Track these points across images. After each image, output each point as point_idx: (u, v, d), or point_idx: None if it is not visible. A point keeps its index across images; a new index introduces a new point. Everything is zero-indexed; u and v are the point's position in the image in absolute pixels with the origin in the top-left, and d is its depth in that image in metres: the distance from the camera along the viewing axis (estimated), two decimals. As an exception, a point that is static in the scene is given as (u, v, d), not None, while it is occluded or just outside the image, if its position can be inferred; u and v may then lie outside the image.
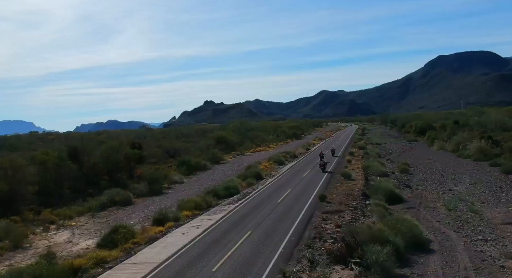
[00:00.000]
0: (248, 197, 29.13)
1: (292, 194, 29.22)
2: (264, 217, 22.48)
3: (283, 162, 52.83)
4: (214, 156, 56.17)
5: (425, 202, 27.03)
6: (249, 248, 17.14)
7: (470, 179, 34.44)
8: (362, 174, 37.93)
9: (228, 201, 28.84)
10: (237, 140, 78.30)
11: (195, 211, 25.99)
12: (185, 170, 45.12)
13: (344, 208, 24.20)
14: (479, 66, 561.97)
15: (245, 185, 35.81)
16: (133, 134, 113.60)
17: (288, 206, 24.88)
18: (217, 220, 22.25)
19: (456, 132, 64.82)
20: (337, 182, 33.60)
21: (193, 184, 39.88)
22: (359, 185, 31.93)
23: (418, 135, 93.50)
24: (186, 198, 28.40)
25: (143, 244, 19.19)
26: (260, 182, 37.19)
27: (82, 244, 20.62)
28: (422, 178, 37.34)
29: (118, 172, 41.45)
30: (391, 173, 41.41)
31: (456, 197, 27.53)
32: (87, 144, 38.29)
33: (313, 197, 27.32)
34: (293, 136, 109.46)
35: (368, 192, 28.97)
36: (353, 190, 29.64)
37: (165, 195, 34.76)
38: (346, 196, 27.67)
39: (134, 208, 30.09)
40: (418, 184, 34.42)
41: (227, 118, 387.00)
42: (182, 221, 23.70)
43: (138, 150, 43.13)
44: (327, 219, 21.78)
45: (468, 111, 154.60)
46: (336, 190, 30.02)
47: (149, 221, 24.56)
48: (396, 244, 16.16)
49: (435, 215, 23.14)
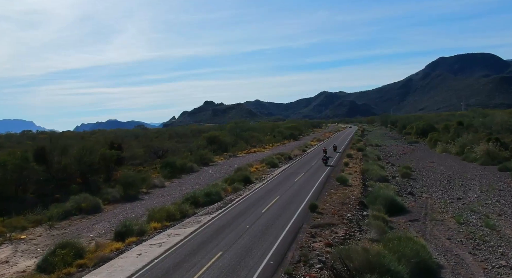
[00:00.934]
0: (229, 206, 25.66)
1: (280, 202, 25.75)
2: (242, 232, 19.01)
3: (276, 165, 49.39)
4: (203, 157, 52.61)
5: (431, 213, 23.58)
6: (216, 276, 13.69)
7: (480, 185, 30.97)
8: (360, 179, 34.45)
9: (207, 210, 25.37)
10: (230, 141, 74.82)
11: (166, 222, 22.50)
12: (168, 172, 41.61)
13: (338, 220, 20.74)
14: (480, 68, 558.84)
15: (230, 190, 32.36)
16: (127, 133, 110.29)
17: (273, 218, 21.41)
18: (186, 236, 18.76)
19: (460, 133, 61.33)
20: (331, 188, 30.12)
21: (175, 188, 36.40)
22: (356, 192, 28.45)
23: (419, 136, 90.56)
24: (158, 207, 24.88)
25: (90, 267, 15.71)
26: (247, 187, 33.74)
27: (20, 265, 17.13)
28: (426, 183, 33.88)
29: (94, 175, 38.00)
30: (391, 177, 37.96)
31: (467, 207, 24.08)
32: (58, 143, 34.70)
33: (303, 207, 23.87)
34: (291, 137, 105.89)
35: (366, 200, 25.52)
36: (349, 198, 26.17)
37: (140, 201, 31.27)
38: (340, 205, 24.21)
39: (101, 216, 26.59)
40: (422, 190, 30.96)
41: (227, 118, 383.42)
42: (147, 235, 20.24)
43: (117, 151, 39.55)
44: (316, 235, 18.31)
45: (469, 112, 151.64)
46: (330, 197, 26.55)
47: (112, 233, 21.10)
48: (400, 274, 12.72)
49: (444, 230, 19.69)
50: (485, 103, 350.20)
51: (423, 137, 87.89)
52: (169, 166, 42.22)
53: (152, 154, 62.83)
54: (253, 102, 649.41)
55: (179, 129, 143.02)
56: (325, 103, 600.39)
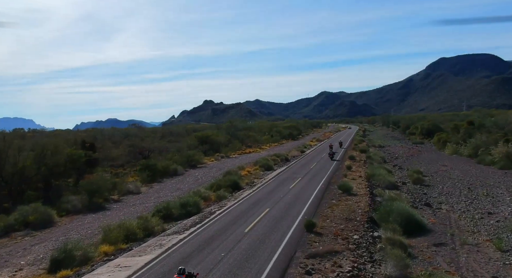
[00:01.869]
0: (207, 221, 20.77)
1: (269, 216, 20.87)
2: (214, 263, 14.13)
3: (271, 167, 44.52)
4: (190, 158, 47.66)
5: (458, 233, 18.72)
6: None
7: (511, 196, 26.10)
8: (366, 186, 29.52)
9: (179, 226, 20.47)
10: (224, 141, 69.88)
11: (122, 244, 17.60)
12: (147, 176, 36.69)
13: (342, 246, 15.85)
14: (480, 69, 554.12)
15: (214, 199, 27.49)
16: (119, 132, 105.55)
17: (257, 242, 16.52)
18: (136, 271, 13.86)
19: (472, 134, 56.43)
20: (333, 197, 25.20)
21: (152, 195, 31.50)
22: (363, 203, 23.55)
23: (424, 137, 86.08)
24: (117, 223, 19.93)
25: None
26: (234, 195, 28.87)
27: None
28: (444, 192, 29.02)
29: (60, 179, 33.15)
30: (401, 184, 33.11)
31: (504, 226, 19.20)
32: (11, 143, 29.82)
33: (298, 224, 19.00)
34: (289, 137, 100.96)
35: (376, 215, 20.64)
36: (354, 212, 21.26)
37: (106, 212, 26.36)
38: (344, 223, 19.32)
39: (50, 233, 21.70)
40: (440, 201, 26.11)
41: (226, 118, 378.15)
42: (90, 266, 15.35)
43: (88, 151, 34.64)
44: (313, 270, 13.44)
45: (473, 112, 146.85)
46: (331, 211, 21.65)
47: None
48: None
49: (483, 262, 14.83)
50: (487, 104, 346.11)
51: (429, 137, 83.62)
52: (148, 169, 37.28)
53: (137, 155, 58.12)
54: (253, 101, 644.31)
55: (174, 128, 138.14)
56: (325, 103, 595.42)
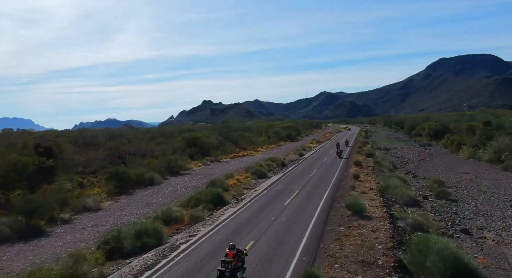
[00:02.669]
0: (162, 264, 14.59)
1: (252, 257, 14.72)
2: None
3: (265, 175, 38.49)
4: (172, 164, 41.45)
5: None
6: None
7: None
8: (381, 203, 23.25)
9: (122, 271, 14.32)
10: (215, 142, 63.73)
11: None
12: (114, 187, 30.48)
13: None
14: (481, 69, 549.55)
15: (186, 221, 21.37)
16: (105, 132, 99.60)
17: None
18: None
19: (491, 136, 50.46)
20: (341, 223, 18.93)
21: (113, 213, 25.32)
22: (382, 232, 17.31)
23: (431, 138, 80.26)
24: (34, 267, 13.75)
25: None
26: (214, 215, 22.75)
27: None
28: (479, 211, 22.94)
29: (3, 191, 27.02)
30: (422, 198, 27.04)
31: None
32: None
33: (292, 272, 12.87)
34: (288, 138, 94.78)
35: (405, 256, 14.47)
36: (373, 250, 15.05)
37: (42, 239, 20.13)
38: (361, 269, 13.17)
39: None
40: (480, 225, 20.02)
41: (225, 118, 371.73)
42: None
43: (41, 158, 28.47)
44: None
45: (477, 112, 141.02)
46: (339, 247, 15.44)
47: None
48: None
49: None
50: (487, 104, 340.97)
51: (437, 139, 77.94)
52: (116, 178, 31.06)
53: (116, 159, 51.92)
54: (253, 102, 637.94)
55: (167, 129, 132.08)
56: (325, 103, 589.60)
